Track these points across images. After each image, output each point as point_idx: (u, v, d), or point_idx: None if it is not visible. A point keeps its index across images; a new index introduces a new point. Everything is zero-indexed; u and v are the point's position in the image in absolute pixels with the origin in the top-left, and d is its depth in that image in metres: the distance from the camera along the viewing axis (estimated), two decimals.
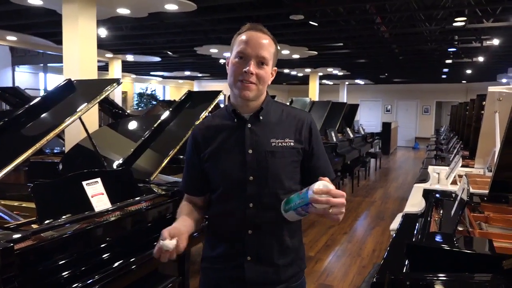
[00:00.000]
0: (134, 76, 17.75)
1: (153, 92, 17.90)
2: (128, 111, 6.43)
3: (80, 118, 2.67)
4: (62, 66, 5.25)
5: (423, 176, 3.33)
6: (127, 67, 14.14)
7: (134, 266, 2.10)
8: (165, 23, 7.23)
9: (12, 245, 1.61)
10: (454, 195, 2.10)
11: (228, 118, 1.38)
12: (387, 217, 5.95)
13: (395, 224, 2.23)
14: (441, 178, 3.10)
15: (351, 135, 8.57)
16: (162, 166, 2.99)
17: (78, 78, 4.30)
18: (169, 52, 10.67)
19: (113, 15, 6.45)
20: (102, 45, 9.31)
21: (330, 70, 13.75)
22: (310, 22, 6.90)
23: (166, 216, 2.57)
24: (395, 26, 7.47)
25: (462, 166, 3.28)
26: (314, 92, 14.50)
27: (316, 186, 1.13)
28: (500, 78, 14.64)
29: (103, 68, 12.20)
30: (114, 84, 2.86)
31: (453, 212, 1.83)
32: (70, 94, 2.84)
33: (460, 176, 2.87)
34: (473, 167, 3.51)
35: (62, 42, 5.21)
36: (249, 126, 1.35)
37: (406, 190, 7.60)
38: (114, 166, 3.09)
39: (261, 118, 1.36)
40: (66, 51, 5.15)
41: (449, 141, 7.26)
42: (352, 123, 10.32)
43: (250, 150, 1.32)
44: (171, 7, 5.87)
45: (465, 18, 6.52)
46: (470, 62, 11.03)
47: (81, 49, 5.08)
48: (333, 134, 7.32)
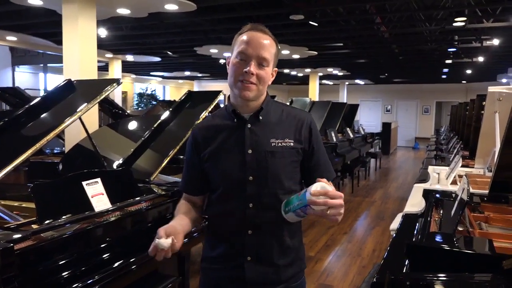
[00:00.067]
0: (134, 76, 17.74)
1: (153, 92, 17.89)
2: (128, 111, 6.42)
3: (80, 118, 2.67)
4: (62, 66, 5.24)
5: (423, 176, 3.32)
6: (127, 67, 14.14)
7: (134, 266, 2.09)
8: (165, 23, 7.23)
9: (12, 245, 1.61)
10: (454, 195, 2.10)
11: (228, 118, 1.38)
12: (387, 217, 5.95)
13: (395, 224, 2.23)
14: (441, 178, 3.10)
15: (351, 135, 8.57)
16: (162, 166, 2.99)
17: (78, 78, 4.31)
18: (169, 52, 10.67)
19: (113, 15, 6.44)
20: (102, 45, 9.31)
21: (330, 70, 13.75)
22: (310, 22, 6.89)
23: (166, 216, 2.57)
24: (395, 26, 7.47)
25: (462, 166, 3.28)
26: (314, 92, 14.50)
27: (313, 187, 1.13)
28: (500, 78, 14.63)
29: (103, 68, 12.19)
30: (114, 84, 2.86)
31: (453, 212, 1.83)
32: (70, 94, 2.84)
33: (460, 176, 2.87)
34: (473, 167, 3.51)
35: (62, 42, 5.21)
36: (249, 126, 1.35)
37: (406, 190, 7.60)
38: (114, 166, 3.09)
39: (261, 118, 1.36)
40: (66, 51, 5.15)
41: (449, 141, 7.25)
42: (352, 123, 10.32)
43: (250, 150, 1.32)
44: (171, 7, 5.87)
45: (465, 18, 6.52)
46: (470, 62, 11.03)
47: (81, 49, 5.08)
48: (333, 134, 7.32)
